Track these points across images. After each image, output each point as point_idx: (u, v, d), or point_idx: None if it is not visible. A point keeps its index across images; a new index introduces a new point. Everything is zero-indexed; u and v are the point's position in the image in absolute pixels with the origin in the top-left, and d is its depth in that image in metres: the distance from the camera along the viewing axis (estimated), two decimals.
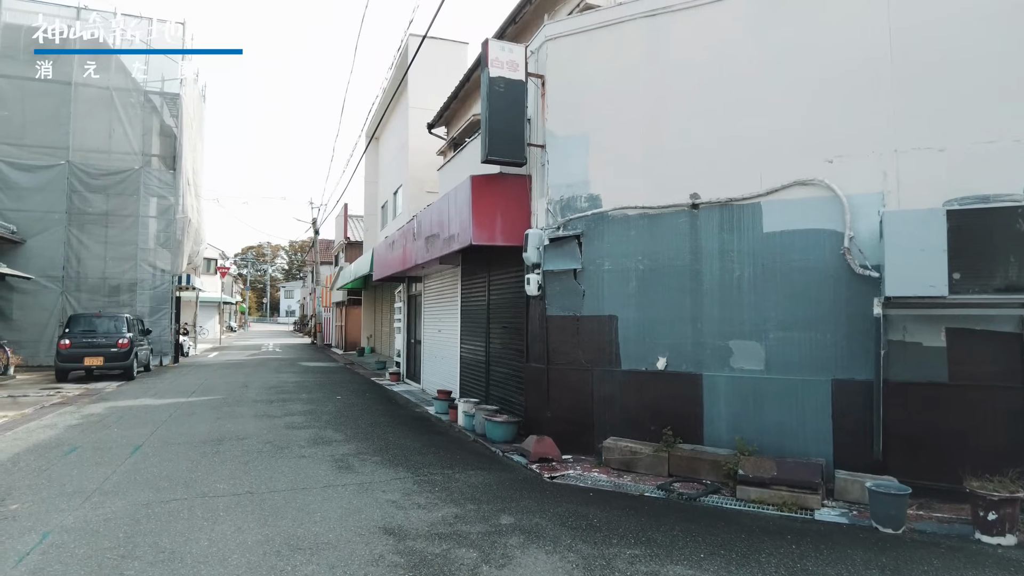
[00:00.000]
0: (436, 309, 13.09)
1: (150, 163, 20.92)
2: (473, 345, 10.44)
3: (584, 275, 7.50)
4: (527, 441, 7.27)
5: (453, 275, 11.82)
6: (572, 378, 7.53)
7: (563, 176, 7.70)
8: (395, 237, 13.26)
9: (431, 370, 13.38)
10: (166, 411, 10.33)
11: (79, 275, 19.53)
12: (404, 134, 20.17)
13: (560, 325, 7.62)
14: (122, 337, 15.16)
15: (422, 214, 10.73)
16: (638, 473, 6.69)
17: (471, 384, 10.42)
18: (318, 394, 12.85)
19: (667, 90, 7.21)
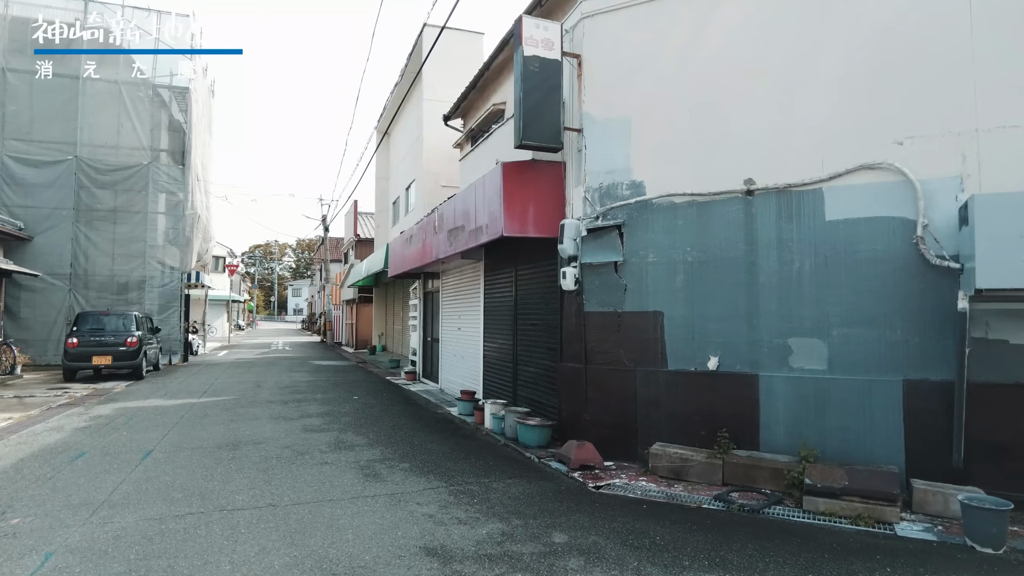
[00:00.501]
0: (455, 306, 12.59)
1: (159, 158, 20.52)
2: (498, 343, 9.94)
3: (626, 268, 6.97)
4: (566, 447, 6.75)
5: (474, 270, 11.31)
6: (613, 379, 7.01)
7: (602, 162, 7.18)
8: (413, 231, 12.76)
9: (450, 369, 12.88)
10: (177, 413, 9.87)
11: (87, 272, 19.15)
12: (418, 127, 19.66)
13: (599, 322, 7.09)
14: (131, 336, 14.74)
15: (444, 206, 10.23)
16: (689, 482, 6.16)
17: (496, 384, 9.92)
18: (334, 394, 12.37)
19: (718, 69, 6.68)
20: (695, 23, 6.81)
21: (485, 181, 7.94)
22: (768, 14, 6.46)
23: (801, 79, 6.25)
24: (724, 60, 6.66)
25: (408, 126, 21.29)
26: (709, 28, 6.75)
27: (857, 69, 6.00)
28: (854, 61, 6.02)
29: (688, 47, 6.84)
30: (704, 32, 6.77)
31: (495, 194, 7.56)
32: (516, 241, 8.17)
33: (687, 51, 6.84)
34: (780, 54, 6.37)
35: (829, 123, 6.12)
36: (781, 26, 6.39)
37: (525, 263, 8.88)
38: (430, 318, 15.01)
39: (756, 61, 6.50)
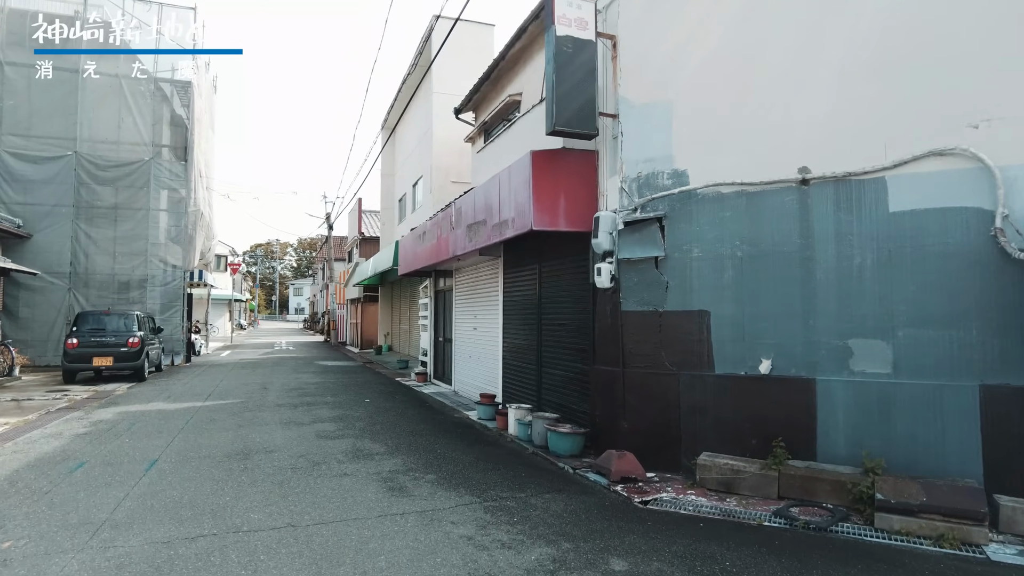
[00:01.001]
0: (470, 305, 12.09)
1: (160, 154, 20.01)
2: (519, 344, 9.43)
3: (668, 264, 6.47)
4: (604, 457, 6.24)
5: (492, 267, 10.81)
6: (653, 383, 6.50)
7: (641, 150, 6.68)
8: (426, 228, 12.26)
9: (465, 371, 12.38)
10: (182, 417, 9.38)
11: (87, 271, 18.65)
12: (427, 121, 19.16)
13: (638, 322, 6.59)
14: (133, 336, 14.24)
15: (462, 200, 9.72)
16: (741, 495, 5.66)
17: (518, 387, 9.41)
18: (344, 397, 11.87)
19: (768, 49, 6.17)
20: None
21: (511, 172, 7.44)
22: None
23: (862, 58, 5.75)
24: (775, 39, 6.15)
25: (416, 121, 20.79)
26: (758, 3, 6.25)
27: (925, 46, 5.50)
28: (921, 37, 5.52)
29: (735, 25, 6.34)
30: (752, 9, 6.27)
31: (523, 185, 7.05)
32: (541, 236, 7.68)
33: (733, 29, 6.35)
34: (837, 31, 5.86)
35: (893, 106, 5.62)
36: (838, 1, 5.89)
37: (551, 259, 8.38)
38: (441, 318, 14.51)
39: (811, 39, 6.00)
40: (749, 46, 6.25)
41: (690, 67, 6.54)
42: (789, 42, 6.08)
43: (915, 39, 5.54)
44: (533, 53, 11.94)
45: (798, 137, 5.99)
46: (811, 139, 5.94)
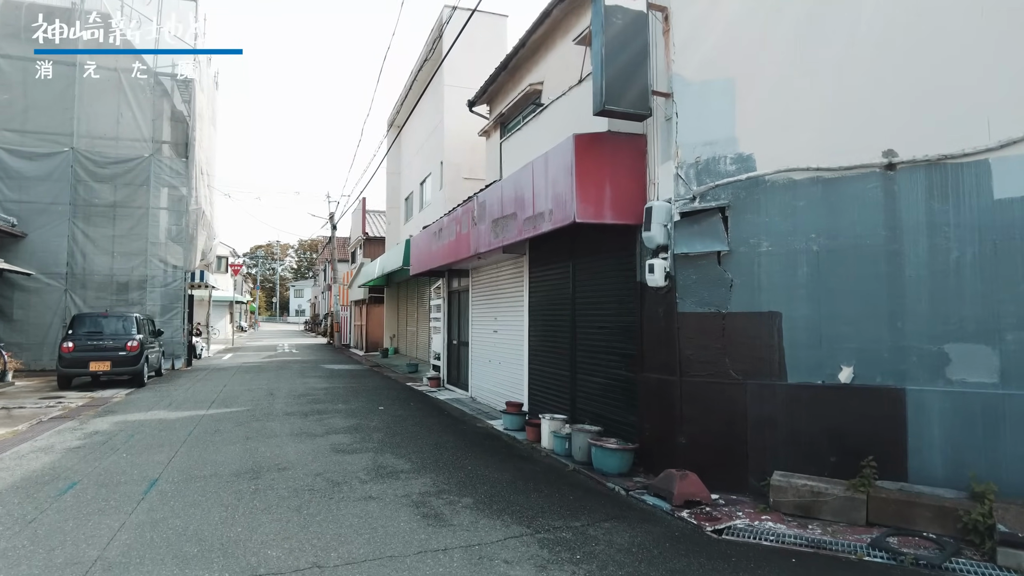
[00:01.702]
0: (490, 306, 11.38)
1: (161, 150, 19.29)
2: (549, 348, 8.72)
3: (732, 260, 5.76)
4: (664, 478, 5.53)
5: (515, 265, 10.11)
6: (715, 393, 5.79)
7: (699, 132, 5.97)
8: (442, 224, 11.56)
9: (483, 376, 11.67)
10: (184, 428, 8.66)
11: (84, 271, 17.94)
12: (438, 116, 18.46)
13: (698, 325, 5.88)
14: (131, 339, 13.53)
15: (487, 193, 9.02)
16: (823, 520, 4.96)
17: (547, 395, 8.70)
18: (356, 404, 11.16)
19: (845, 17, 5.48)
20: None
21: (548, 159, 6.74)
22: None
23: (957, 22, 5.05)
24: (854, 4, 5.46)
25: (425, 117, 20.08)
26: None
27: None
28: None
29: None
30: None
31: (563, 172, 6.35)
32: (576, 230, 6.98)
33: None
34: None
35: (997, 78, 4.92)
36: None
37: (587, 255, 7.67)
38: (456, 320, 13.80)
39: (896, 3, 5.31)
40: (822, 14, 5.55)
41: (754, 39, 5.84)
42: (869, 6, 5.39)
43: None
44: (556, 39, 11.25)
45: (882, 116, 5.29)
46: (897, 118, 5.25)
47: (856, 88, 5.38)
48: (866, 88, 5.34)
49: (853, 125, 5.38)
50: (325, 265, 55.86)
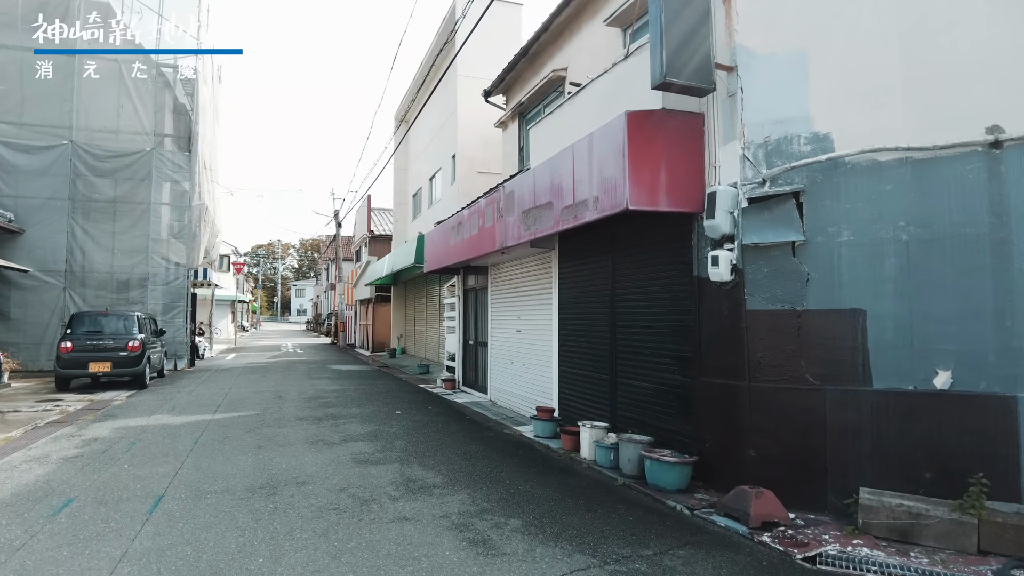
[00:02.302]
0: (512, 304, 10.77)
1: (163, 144, 18.68)
2: (583, 350, 8.10)
3: (807, 251, 5.14)
4: (735, 496, 4.91)
5: (541, 261, 9.50)
6: (789, 400, 5.17)
7: (767, 109, 5.36)
8: (461, 218, 10.93)
9: (504, 378, 11.05)
10: (190, 434, 8.05)
11: (84, 269, 17.33)
12: (450, 107, 17.84)
13: (768, 324, 5.26)
14: (133, 339, 12.91)
15: (516, 183, 8.40)
16: (926, 547, 4.34)
17: (581, 401, 8.08)
18: (371, 408, 10.54)
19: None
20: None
21: (593, 141, 6.11)
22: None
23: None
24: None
25: (435, 110, 19.44)
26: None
27: None
28: None
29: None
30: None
31: (613, 154, 5.72)
32: (616, 220, 6.38)
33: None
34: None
35: None
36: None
37: (630, 248, 7.05)
38: (472, 319, 13.18)
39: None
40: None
41: (829, 4, 5.22)
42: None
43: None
44: (582, 22, 10.66)
45: (985, 86, 4.68)
46: (1004, 88, 4.63)
47: (954, 55, 4.76)
48: (967, 55, 4.72)
49: (950, 98, 4.76)
50: (328, 264, 55.24)
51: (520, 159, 13.26)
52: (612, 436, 6.51)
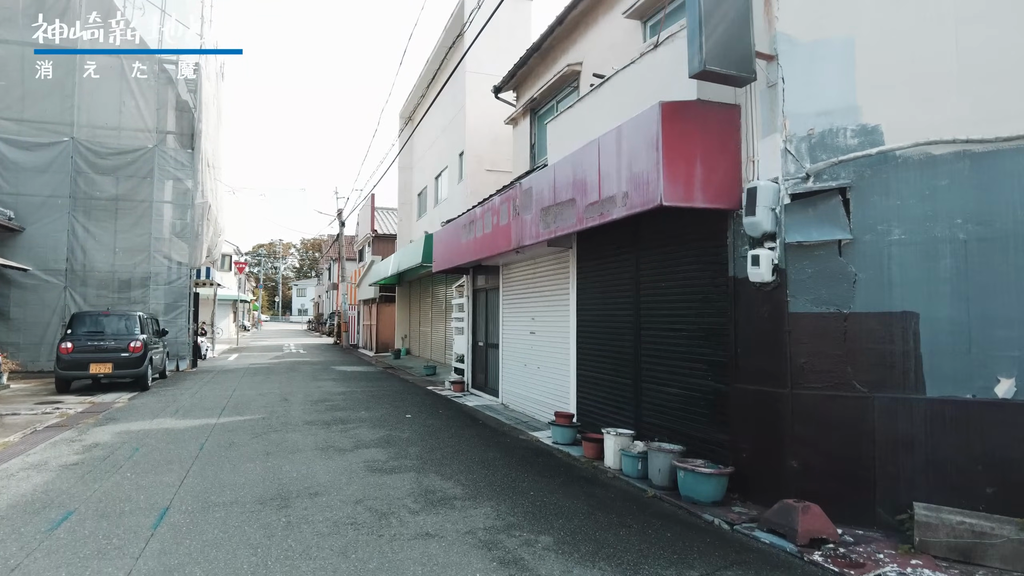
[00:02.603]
0: (526, 305, 10.46)
1: (165, 141, 18.39)
2: (604, 353, 7.80)
3: (855, 250, 4.84)
4: (779, 511, 4.60)
5: (558, 260, 9.19)
6: (835, 409, 4.86)
7: (810, 100, 5.05)
8: (473, 216, 10.63)
9: (517, 381, 10.75)
10: (195, 439, 7.75)
11: (85, 268, 17.04)
12: (457, 104, 17.54)
13: (813, 328, 4.95)
14: (135, 339, 12.61)
15: (534, 179, 8.09)
16: (991, 568, 4.04)
17: (603, 406, 7.77)
18: (380, 411, 10.23)
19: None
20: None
21: (623, 134, 5.80)
22: None
23: None
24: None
25: (442, 107, 19.12)
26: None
27: None
28: None
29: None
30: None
31: (646, 147, 5.41)
32: (642, 218, 6.09)
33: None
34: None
35: None
36: None
37: (656, 246, 6.75)
38: (482, 320, 12.87)
39: None
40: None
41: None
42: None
43: None
44: (598, 15, 10.36)
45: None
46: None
47: (1017, 41, 4.45)
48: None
49: (1012, 87, 4.46)
50: (330, 263, 54.96)
51: (532, 156, 12.96)
52: (639, 444, 6.20)
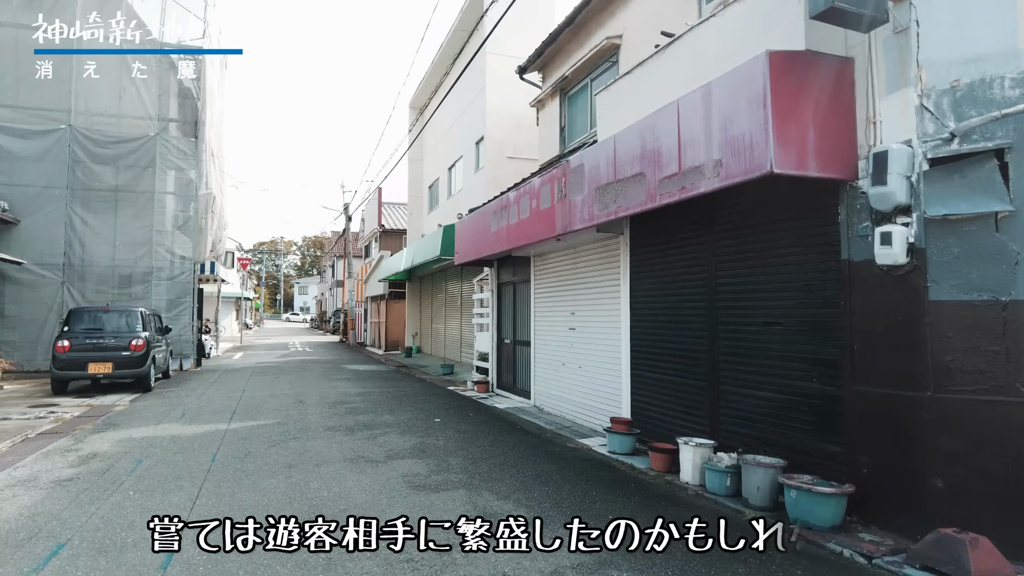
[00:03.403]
0: (564, 298, 9.60)
1: (167, 129, 17.51)
2: (668, 350, 6.93)
3: (1017, 224, 3.96)
4: (937, 544, 3.73)
5: (604, 248, 8.34)
6: (991, 416, 3.99)
7: (955, 46, 4.18)
8: (506, 202, 9.75)
9: (553, 382, 9.89)
10: (205, 449, 6.90)
11: (83, 262, 16.20)
12: (476, 89, 16.61)
13: (961, 318, 4.08)
14: (136, 337, 11.76)
15: (587, 155, 7.21)
16: None
17: (666, 410, 6.90)
18: (405, 415, 9.37)
19: None
20: None
21: (712, 92, 4.93)
22: None
23: None
24: None
25: (458, 93, 18.02)
26: None
27: None
28: None
29: None
30: None
31: (749, 106, 4.54)
32: (714, 197, 5.26)
33: None
34: None
35: None
36: None
37: (736, 227, 5.88)
38: (509, 315, 12.01)
39: None
40: None
41: None
42: None
43: None
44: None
45: None
46: None
47: None
48: None
49: None
50: (334, 260, 54.11)
51: (562, 139, 12.09)
52: (724, 456, 5.34)
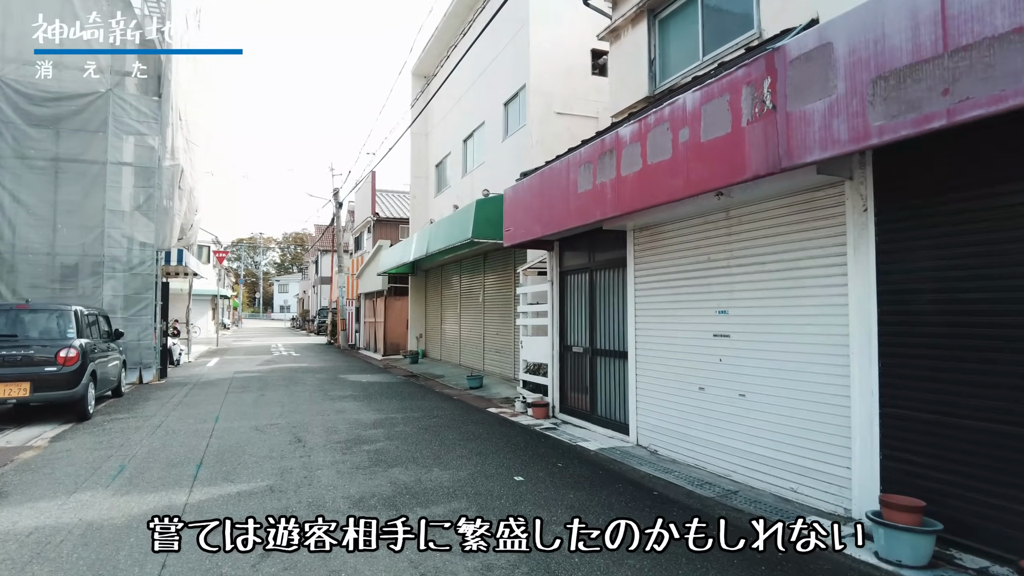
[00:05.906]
0: (703, 288, 6.49)
1: (123, 85, 14.09)
2: (980, 376, 3.86)
3: None
4: None
5: (805, 206, 5.25)
6: None
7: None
8: (617, 142, 6.57)
9: (676, 414, 6.78)
10: (139, 564, 3.65)
11: (14, 249, 12.80)
12: (513, 28, 13.26)
13: None
14: (67, 346, 8.43)
15: (838, 28, 4.09)
16: None
17: (981, 481, 3.84)
18: (462, 467, 6.18)
19: None
20: None
21: None
22: None
23: None
24: None
25: (478, 50, 14.64)
26: None
27: None
28: None
29: None
30: None
31: None
32: None
33: None
34: None
35: None
36: None
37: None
38: (581, 314, 8.89)
39: None
40: None
41: None
42: None
43: None
44: None
45: None
46: None
47: None
48: None
49: None
50: (319, 256, 50.49)
51: (651, 76, 8.95)
52: None
